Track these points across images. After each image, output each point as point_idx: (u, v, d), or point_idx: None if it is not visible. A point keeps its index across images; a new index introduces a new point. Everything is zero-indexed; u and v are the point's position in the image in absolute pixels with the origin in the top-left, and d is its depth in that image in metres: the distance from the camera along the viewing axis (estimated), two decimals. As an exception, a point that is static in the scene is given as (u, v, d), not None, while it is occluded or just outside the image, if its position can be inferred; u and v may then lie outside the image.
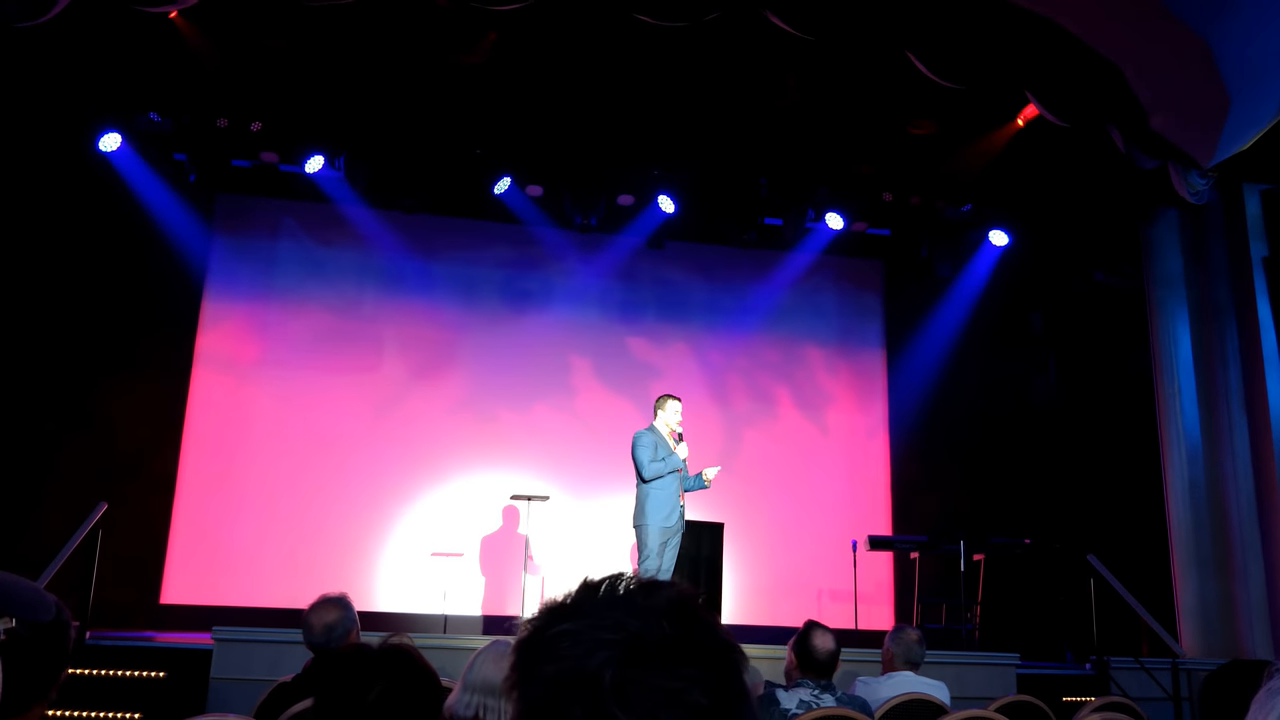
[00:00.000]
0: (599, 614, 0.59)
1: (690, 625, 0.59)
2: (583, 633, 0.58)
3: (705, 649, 0.59)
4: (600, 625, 0.58)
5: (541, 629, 0.60)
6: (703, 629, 0.60)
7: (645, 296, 7.27)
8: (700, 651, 0.58)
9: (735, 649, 0.61)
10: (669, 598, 0.61)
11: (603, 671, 0.56)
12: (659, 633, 0.58)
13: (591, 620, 0.59)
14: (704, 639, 0.59)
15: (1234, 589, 5.61)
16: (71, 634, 1.23)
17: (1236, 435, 5.76)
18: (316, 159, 6.27)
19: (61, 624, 1.19)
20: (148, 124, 6.11)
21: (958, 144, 6.15)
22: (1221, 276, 6.02)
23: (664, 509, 4.73)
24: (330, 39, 5.26)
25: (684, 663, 0.57)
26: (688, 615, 0.60)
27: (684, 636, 0.58)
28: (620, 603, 0.60)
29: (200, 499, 6.33)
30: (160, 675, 4.25)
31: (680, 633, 0.58)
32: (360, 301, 6.84)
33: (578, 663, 0.57)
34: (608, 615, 0.59)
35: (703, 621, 0.60)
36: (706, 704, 0.56)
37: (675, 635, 0.58)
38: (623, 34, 5.03)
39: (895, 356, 7.56)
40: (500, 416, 6.85)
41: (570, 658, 0.57)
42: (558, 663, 0.57)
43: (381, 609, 6.24)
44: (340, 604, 2.49)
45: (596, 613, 0.60)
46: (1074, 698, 4.86)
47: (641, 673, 0.56)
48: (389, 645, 1.24)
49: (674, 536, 4.77)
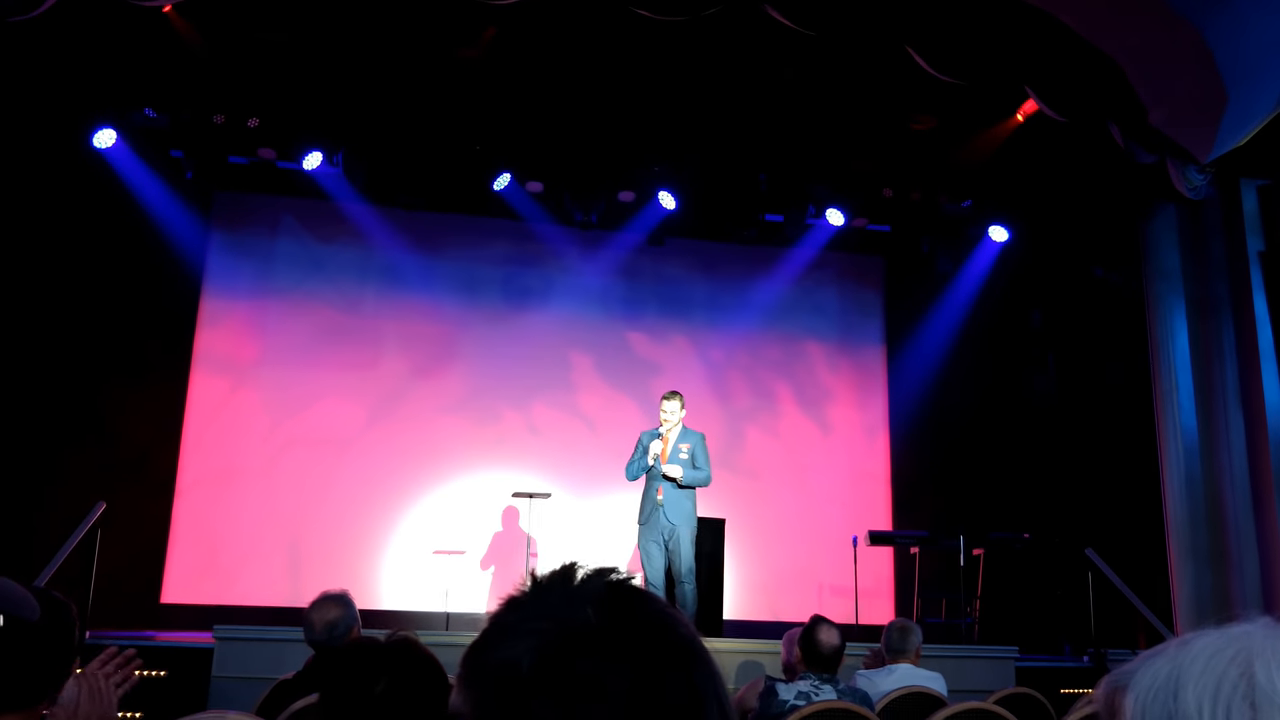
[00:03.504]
0: (535, 604, 0.60)
1: (619, 612, 0.59)
2: (517, 623, 0.59)
3: (631, 636, 0.58)
4: (535, 615, 0.59)
5: (491, 621, 0.61)
6: (631, 616, 0.59)
7: (646, 293, 7.26)
8: (626, 639, 0.57)
9: (669, 633, 0.59)
10: (602, 585, 0.61)
11: (523, 660, 0.56)
12: (583, 620, 0.58)
13: (529, 610, 0.60)
14: (631, 626, 0.58)
15: (1230, 582, 5.63)
16: (76, 635, 1.23)
17: (1233, 430, 5.78)
18: (315, 155, 6.25)
19: (60, 624, 1.19)
20: (143, 120, 6.06)
21: (958, 140, 6.15)
22: (1219, 272, 6.03)
23: (642, 509, 4.82)
24: (328, 34, 5.24)
25: (608, 651, 0.56)
26: (618, 600, 0.59)
27: (611, 624, 0.58)
28: (557, 591, 0.61)
29: (200, 497, 6.32)
30: (161, 674, 4.25)
31: (607, 619, 0.58)
32: (360, 299, 6.83)
33: (507, 652, 0.57)
34: (544, 604, 0.60)
35: (633, 609, 0.59)
36: (626, 689, 0.55)
37: (601, 624, 0.58)
38: (622, 29, 5.02)
39: (895, 352, 7.56)
40: (501, 414, 6.85)
41: (501, 647, 0.58)
42: (493, 652, 0.58)
43: (383, 607, 6.24)
44: (341, 601, 2.49)
45: (533, 603, 0.60)
46: (1072, 690, 4.88)
47: (562, 661, 0.56)
48: (394, 639, 1.24)
49: (659, 536, 4.72)
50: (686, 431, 4.90)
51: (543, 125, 6.15)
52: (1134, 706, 0.62)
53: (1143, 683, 0.62)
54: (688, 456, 4.81)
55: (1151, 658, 0.64)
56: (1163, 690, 0.61)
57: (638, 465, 4.81)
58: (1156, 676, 0.62)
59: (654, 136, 6.25)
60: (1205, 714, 0.58)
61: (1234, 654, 0.60)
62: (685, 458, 4.80)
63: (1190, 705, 0.59)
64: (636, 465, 4.82)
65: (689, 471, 4.78)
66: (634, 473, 4.83)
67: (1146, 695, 0.61)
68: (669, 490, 4.75)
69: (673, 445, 4.82)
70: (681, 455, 4.80)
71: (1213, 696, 0.58)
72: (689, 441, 4.86)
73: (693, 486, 4.84)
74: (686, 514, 4.79)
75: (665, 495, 4.73)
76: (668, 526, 4.72)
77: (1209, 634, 0.62)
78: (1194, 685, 0.59)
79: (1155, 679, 0.62)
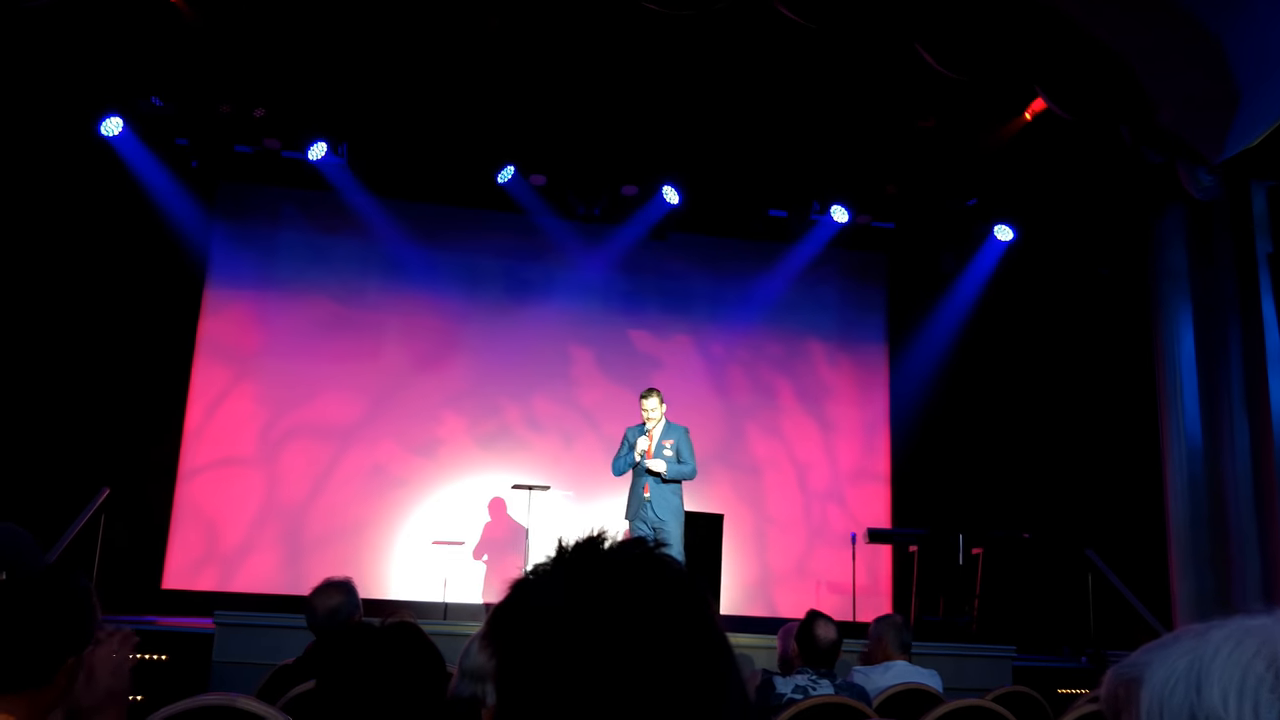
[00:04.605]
0: (565, 565, 0.60)
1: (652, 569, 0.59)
2: (549, 575, 0.60)
3: (666, 586, 0.58)
4: (564, 573, 0.59)
5: (517, 582, 0.61)
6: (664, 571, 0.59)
7: (648, 288, 7.25)
8: (661, 585, 0.58)
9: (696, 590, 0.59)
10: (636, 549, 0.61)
11: (558, 601, 0.57)
12: (616, 573, 0.58)
13: (555, 572, 0.60)
14: (666, 578, 0.59)
15: (1231, 585, 5.62)
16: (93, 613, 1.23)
17: (1237, 432, 5.76)
18: (319, 146, 6.25)
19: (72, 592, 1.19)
20: (150, 109, 6.08)
21: (964, 138, 6.12)
22: (1226, 273, 6.00)
23: (629, 505, 4.85)
24: (334, 25, 5.24)
25: (640, 592, 0.57)
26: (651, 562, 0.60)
27: (644, 575, 0.58)
28: (585, 553, 0.61)
29: (202, 485, 6.34)
30: (162, 658, 4.27)
31: (639, 572, 0.58)
32: (362, 290, 6.83)
33: (539, 600, 0.58)
34: (574, 566, 0.60)
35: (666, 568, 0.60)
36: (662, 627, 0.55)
37: (632, 575, 0.58)
38: (629, 22, 5.00)
39: (897, 350, 7.55)
40: (501, 406, 6.85)
41: (533, 598, 0.59)
42: (523, 605, 0.59)
43: (383, 596, 6.26)
44: (344, 588, 2.50)
45: (563, 564, 0.60)
46: (1070, 690, 4.88)
47: (596, 599, 0.57)
48: (392, 624, 1.25)
49: (647, 532, 4.71)
50: (670, 427, 4.92)
51: (547, 118, 6.14)
52: (1150, 699, 0.60)
53: (1158, 675, 0.61)
54: (672, 453, 4.83)
55: (1162, 649, 0.62)
56: (1183, 683, 0.60)
57: (624, 460, 4.86)
58: (1174, 669, 0.61)
59: (658, 131, 6.23)
60: (1231, 707, 0.57)
61: (1258, 646, 0.59)
62: (670, 454, 4.82)
63: (1215, 698, 0.58)
64: (623, 460, 4.87)
65: (673, 466, 4.80)
66: (620, 468, 4.89)
67: (1164, 688, 0.60)
68: (655, 486, 4.77)
69: (657, 442, 4.83)
70: (666, 451, 4.82)
71: (1239, 689, 0.58)
72: (673, 437, 4.87)
73: (678, 480, 4.85)
74: (674, 509, 4.80)
75: (652, 491, 4.76)
76: (655, 521, 4.74)
77: (1224, 625, 0.61)
78: (1219, 678, 0.58)
79: (1173, 671, 0.60)
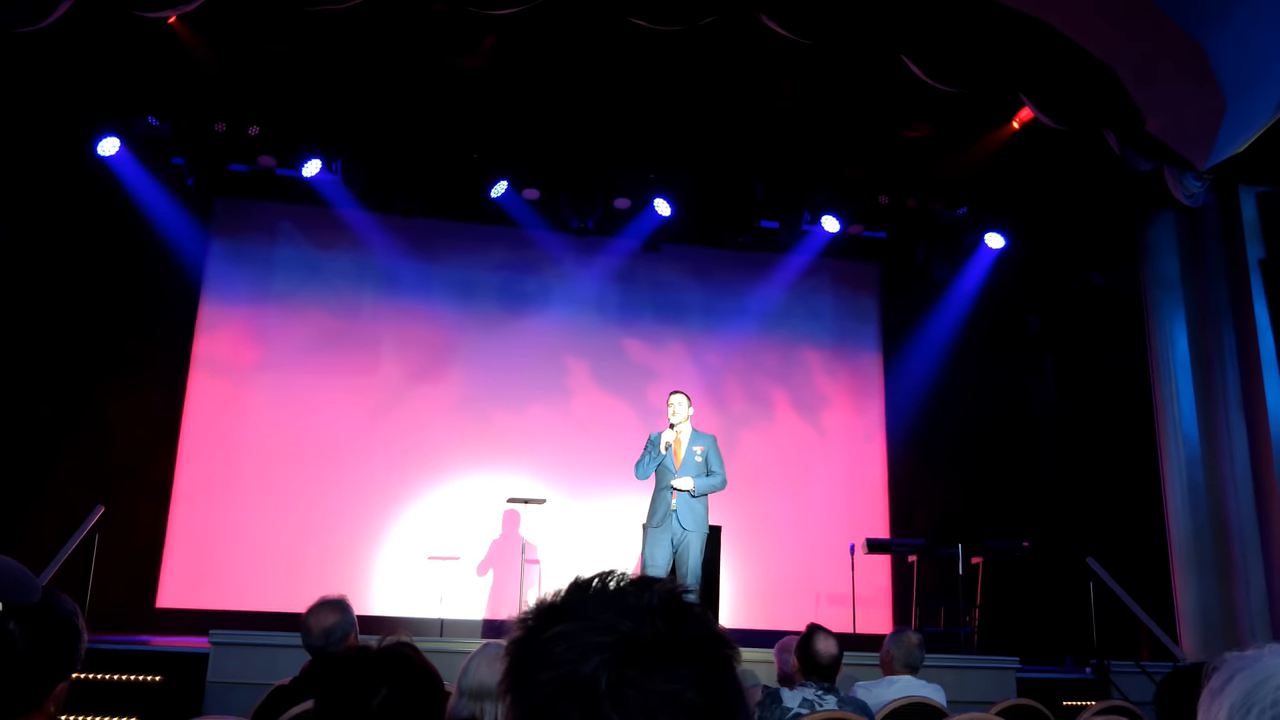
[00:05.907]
0: (591, 615, 0.58)
1: (682, 623, 0.59)
2: (576, 635, 0.57)
3: (698, 647, 0.58)
4: (592, 627, 0.57)
5: (534, 632, 0.59)
6: (695, 626, 0.59)
7: (642, 299, 7.27)
8: (693, 650, 0.58)
9: (728, 645, 0.60)
10: (660, 595, 0.60)
11: (598, 676, 0.55)
12: (651, 633, 0.57)
13: (583, 622, 0.58)
14: (696, 637, 0.59)
15: (1234, 592, 5.61)
16: (81, 637, 1.21)
17: (1235, 438, 5.76)
18: (314, 163, 6.26)
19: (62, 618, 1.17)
20: (146, 128, 6.11)
21: (953, 147, 6.16)
22: (1218, 279, 6.03)
23: (655, 511, 4.73)
24: (328, 43, 5.26)
25: (678, 662, 0.56)
26: (679, 613, 0.59)
27: (676, 635, 0.58)
28: (612, 602, 0.59)
29: (197, 502, 6.31)
30: (156, 679, 4.23)
31: (672, 632, 0.58)
32: (357, 305, 6.83)
33: (573, 668, 0.56)
34: (600, 616, 0.58)
35: (694, 618, 0.60)
36: (701, 703, 0.55)
37: (668, 634, 0.57)
38: (619, 38, 5.04)
39: (892, 359, 7.56)
40: (497, 419, 6.84)
41: (565, 662, 0.56)
42: (553, 668, 0.56)
43: (378, 612, 6.21)
44: (339, 607, 2.48)
45: (588, 614, 0.59)
46: (1074, 701, 4.86)
47: (636, 675, 0.55)
48: (389, 646, 1.24)
49: (668, 540, 4.65)
50: (698, 434, 4.83)
51: (539, 133, 6.17)
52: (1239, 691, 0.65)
53: (1254, 671, 0.65)
54: (702, 460, 4.73)
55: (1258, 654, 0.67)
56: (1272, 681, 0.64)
57: (649, 461, 4.71)
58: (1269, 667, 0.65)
59: (650, 144, 6.27)
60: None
61: None
62: (700, 460, 4.72)
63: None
64: (648, 461, 4.71)
65: (701, 481, 4.69)
66: (644, 471, 4.73)
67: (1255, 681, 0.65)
68: (683, 495, 4.66)
69: (686, 448, 4.73)
70: (696, 458, 4.72)
71: None
72: (702, 444, 4.77)
73: (707, 494, 4.75)
74: (699, 520, 4.69)
75: (679, 500, 4.64)
76: (680, 532, 4.64)
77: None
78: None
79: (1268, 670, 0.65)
